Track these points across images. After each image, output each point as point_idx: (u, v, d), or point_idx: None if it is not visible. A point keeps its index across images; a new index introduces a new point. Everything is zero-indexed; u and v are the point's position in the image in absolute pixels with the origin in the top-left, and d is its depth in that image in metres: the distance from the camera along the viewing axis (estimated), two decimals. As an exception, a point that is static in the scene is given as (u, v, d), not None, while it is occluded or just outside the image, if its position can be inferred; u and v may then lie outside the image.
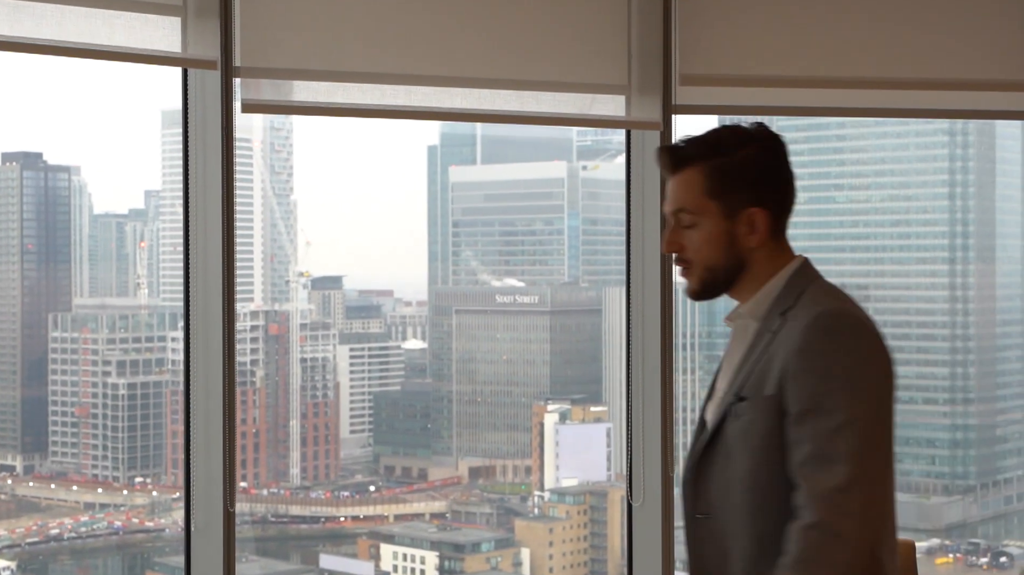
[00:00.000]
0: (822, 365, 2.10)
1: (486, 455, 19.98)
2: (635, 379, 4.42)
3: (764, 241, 2.24)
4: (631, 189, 4.33)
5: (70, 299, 17.38)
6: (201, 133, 3.77)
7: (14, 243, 16.85)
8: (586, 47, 4.06)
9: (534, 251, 22.01)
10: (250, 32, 3.61)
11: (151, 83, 31.79)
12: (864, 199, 20.81)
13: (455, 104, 3.90)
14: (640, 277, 4.33)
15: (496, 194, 22.07)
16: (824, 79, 4.25)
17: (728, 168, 2.19)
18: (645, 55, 4.11)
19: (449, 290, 21.34)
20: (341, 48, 3.76)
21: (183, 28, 3.53)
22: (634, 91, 4.10)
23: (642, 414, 4.45)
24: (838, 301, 2.26)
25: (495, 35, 3.97)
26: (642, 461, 4.46)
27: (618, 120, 4.24)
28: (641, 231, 4.29)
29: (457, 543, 18.10)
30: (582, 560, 18.68)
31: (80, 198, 17.58)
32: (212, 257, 3.76)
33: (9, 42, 3.24)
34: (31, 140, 33.49)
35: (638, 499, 4.39)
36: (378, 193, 27.13)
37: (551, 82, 4.03)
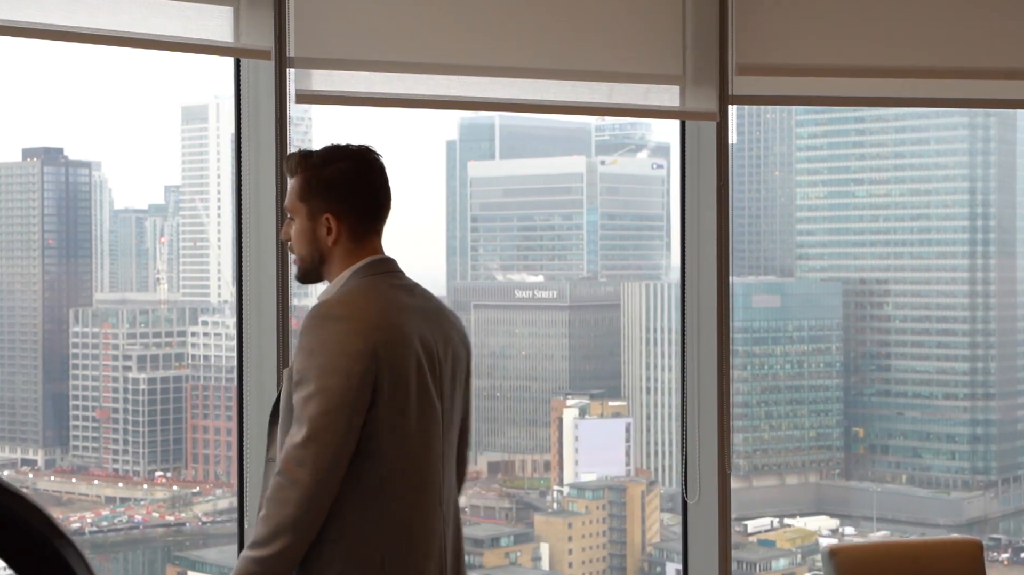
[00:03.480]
0: (307, 346, 2.61)
1: (505, 450, 19.98)
2: (690, 374, 4.28)
3: (340, 241, 2.72)
4: (685, 181, 4.22)
5: (91, 294, 17.45)
6: (254, 124, 3.70)
7: (35, 238, 16.91)
8: (640, 36, 3.97)
9: (552, 246, 21.99)
10: (304, 21, 3.56)
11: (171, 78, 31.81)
12: (884, 193, 20.74)
13: (510, 94, 3.84)
14: (695, 271, 4.20)
15: (515, 189, 22.05)
16: (883, 68, 4.13)
17: (315, 180, 2.68)
18: (700, 44, 4.01)
19: (467, 285, 21.34)
20: (396, 38, 3.69)
21: (235, 17, 3.47)
22: (689, 81, 4.00)
23: (697, 410, 4.31)
24: (344, 295, 2.72)
25: (549, 24, 3.91)
26: (697, 458, 4.33)
27: (673, 111, 4.15)
28: (696, 224, 4.17)
29: (476, 538, 18.11)
30: (601, 555, 18.68)
31: (100, 193, 17.64)
32: (266, 251, 3.76)
33: (65, 32, 3.21)
34: (52, 135, 33.59)
35: (693, 496, 4.29)
36: (396, 187, 27.02)
37: (605, 72, 3.95)
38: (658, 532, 19.15)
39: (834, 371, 20.28)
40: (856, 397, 20.20)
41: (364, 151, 2.75)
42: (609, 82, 3.97)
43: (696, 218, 4.23)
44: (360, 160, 2.74)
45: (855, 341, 20.33)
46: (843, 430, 20.15)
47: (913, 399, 19.99)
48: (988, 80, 4.16)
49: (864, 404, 20.31)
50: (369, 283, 2.72)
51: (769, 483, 19.89)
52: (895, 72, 4.14)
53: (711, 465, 4.34)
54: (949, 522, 19.01)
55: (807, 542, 17.81)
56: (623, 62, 3.95)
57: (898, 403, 20.14)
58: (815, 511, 18.96)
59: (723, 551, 4.24)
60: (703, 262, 4.23)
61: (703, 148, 4.20)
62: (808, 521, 17.93)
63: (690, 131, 4.22)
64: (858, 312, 20.15)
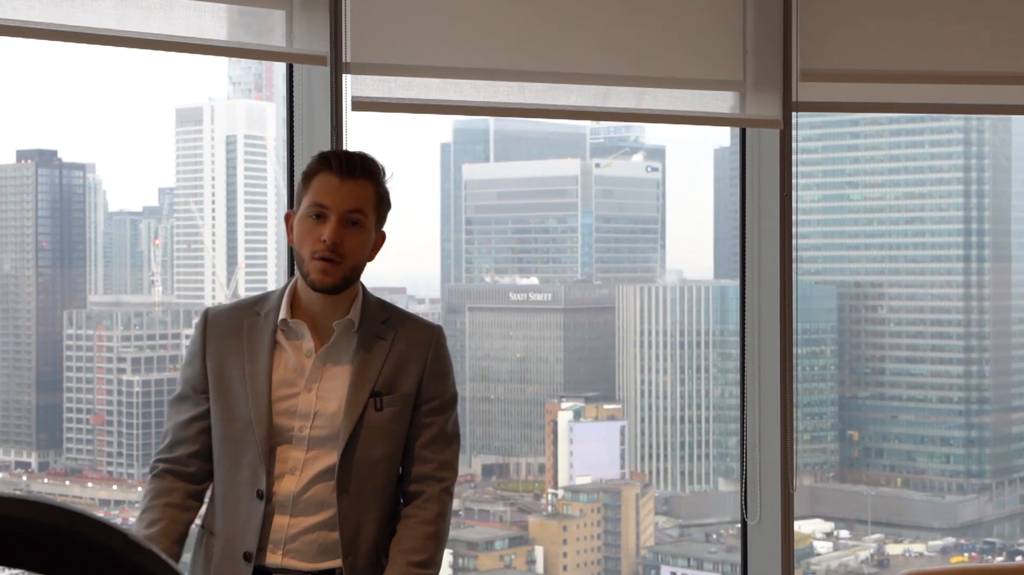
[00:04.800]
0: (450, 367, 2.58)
1: (499, 453, 19.99)
2: (750, 389, 4.05)
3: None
4: (746, 187, 4.09)
5: (85, 296, 17.43)
6: (307, 132, 3.60)
7: (29, 241, 16.89)
8: (699, 41, 3.85)
9: (547, 249, 22.01)
10: (360, 26, 3.47)
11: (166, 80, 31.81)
12: (879, 196, 20.76)
13: (569, 101, 3.75)
14: (755, 278, 4.04)
15: (509, 191, 22.07)
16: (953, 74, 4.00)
17: (384, 193, 2.57)
18: (762, 49, 3.86)
19: (462, 287, 21.35)
20: (453, 43, 3.59)
21: (288, 21, 3.40)
22: (750, 87, 3.88)
23: (758, 425, 4.06)
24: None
25: (607, 30, 3.82)
26: (758, 475, 4.07)
27: (733, 118, 4.03)
28: (757, 231, 4.02)
29: (471, 541, 18.10)
30: (596, 558, 18.67)
31: (95, 196, 17.62)
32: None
33: (117, 36, 3.15)
34: (46, 138, 33.57)
35: (754, 517, 4.07)
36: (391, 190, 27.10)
37: (663, 78, 3.82)
38: (652, 535, 19.16)
39: (828, 374, 20.29)
40: (850, 400, 20.21)
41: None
42: (667, 88, 3.87)
43: (756, 224, 4.08)
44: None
45: (849, 344, 20.34)
46: (837, 433, 20.16)
47: (907, 402, 20.00)
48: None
49: (858, 407, 20.31)
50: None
51: (763, 486, 19.90)
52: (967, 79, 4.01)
53: (773, 484, 4.11)
54: (944, 525, 19.02)
55: (801, 545, 17.79)
56: (681, 67, 3.84)
57: (892, 406, 20.15)
58: (809, 514, 18.95)
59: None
60: (764, 274, 4.04)
61: (764, 155, 4.06)
62: (803, 524, 17.91)
63: (750, 138, 4.09)
64: (852, 315, 20.15)
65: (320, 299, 2.50)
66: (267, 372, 2.51)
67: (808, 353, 20.33)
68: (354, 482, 2.55)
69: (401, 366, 2.55)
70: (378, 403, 2.54)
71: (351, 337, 2.53)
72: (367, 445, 2.52)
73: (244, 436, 2.52)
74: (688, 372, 20.16)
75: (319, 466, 2.52)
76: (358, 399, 2.52)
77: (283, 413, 2.53)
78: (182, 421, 2.57)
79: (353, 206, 2.48)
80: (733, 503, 19.69)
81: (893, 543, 19.03)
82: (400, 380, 2.55)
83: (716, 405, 20.34)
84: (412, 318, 2.62)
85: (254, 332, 2.57)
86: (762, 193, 3.99)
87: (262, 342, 2.54)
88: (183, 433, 2.56)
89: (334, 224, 2.46)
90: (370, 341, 2.55)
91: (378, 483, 2.55)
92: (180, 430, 2.56)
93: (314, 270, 2.46)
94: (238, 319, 2.58)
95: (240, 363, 2.55)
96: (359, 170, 2.51)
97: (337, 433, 2.52)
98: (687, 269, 21.32)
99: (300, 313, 2.54)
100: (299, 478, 2.52)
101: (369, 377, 2.52)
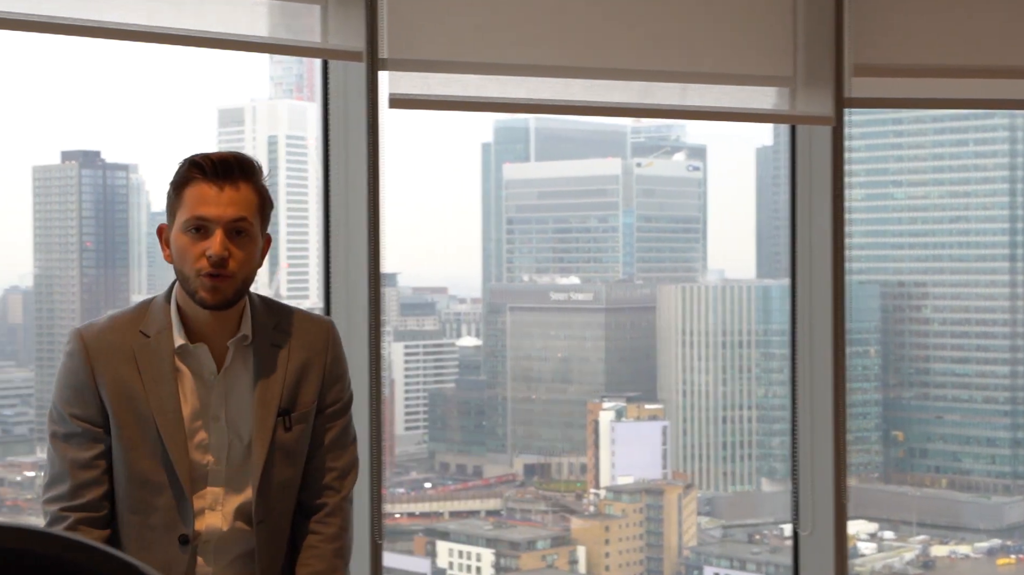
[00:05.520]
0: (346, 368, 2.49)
1: (541, 452, 19.95)
2: (801, 389, 3.97)
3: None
4: (796, 186, 3.99)
5: (128, 297, 17.53)
6: (343, 130, 3.53)
7: (73, 241, 17.01)
8: (748, 36, 3.75)
9: (588, 248, 21.96)
10: (397, 21, 3.39)
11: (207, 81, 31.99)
12: (923, 195, 20.59)
13: (613, 98, 3.65)
14: (807, 277, 3.95)
15: (550, 191, 22.02)
16: (1008, 69, 3.83)
17: (266, 193, 2.37)
18: (813, 44, 3.76)
19: (503, 287, 21.33)
20: (493, 39, 3.50)
21: (323, 17, 3.34)
22: (800, 83, 3.78)
23: (810, 431, 3.96)
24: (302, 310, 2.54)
25: (652, 24, 3.70)
26: (811, 485, 3.95)
27: (784, 115, 3.94)
28: (808, 230, 3.93)
29: (513, 541, 18.09)
30: (638, 558, 18.62)
31: (138, 196, 17.73)
32: (357, 261, 3.53)
33: (147, 32, 3.11)
34: (89, 138, 33.80)
35: (806, 528, 3.97)
36: (432, 190, 27.16)
37: (710, 74, 3.71)
38: (695, 535, 19.09)
39: (872, 374, 20.14)
40: (895, 400, 20.05)
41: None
42: (717, 84, 3.76)
43: (808, 227, 3.97)
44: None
45: (894, 344, 20.17)
46: (882, 434, 20.01)
47: (953, 402, 19.83)
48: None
49: (903, 407, 20.16)
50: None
51: (807, 487, 19.79)
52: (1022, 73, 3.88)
53: (826, 494, 4.00)
54: (990, 527, 18.86)
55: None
56: (729, 63, 3.74)
57: (937, 407, 19.98)
58: (853, 515, 18.76)
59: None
60: (815, 274, 3.95)
61: (815, 153, 3.95)
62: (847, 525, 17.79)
63: (800, 135, 4.00)
64: (896, 315, 19.99)
65: (210, 316, 2.31)
66: (177, 405, 2.29)
67: (852, 353, 20.17)
68: (271, 510, 2.39)
69: (301, 376, 2.38)
70: (287, 422, 2.36)
71: (246, 352, 2.35)
72: (280, 469, 2.38)
73: (154, 476, 2.30)
74: (731, 372, 20.08)
75: (238, 500, 2.37)
76: (266, 423, 2.34)
77: (196, 448, 2.32)
78: (83, 460, 2.30)
79: (236, 215, 2.28)
80: (776, 504, 19.58)
81: (939, 544, 18.88)
82: (303, 392, 2.38)
83: (759, 405, 20.24)
84: (302, 317, 2.44)
85: (147, 358, 2.30)
86: (813, 191, 3.91)
87: (161, 370, 2.29)
88: (87, 475, 2.30)
89: (219, 238, 2.26)
90: (267, 354, 2.36)
91: (288, 505, 2.43)
92: (82, 471, 2.29)
93: (202, 288, 2.26)
94: (123, 342, 2.31)
95: (141, 395, 2.29)
96: (237, 173, 2.30)
97: (250, 462, 2.35)
98: (729, 269, 21.23)
99: (192, 334, 2.32)
100: (223, 516, 2.35)
101: (273, 395, 2.35)
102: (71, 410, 2.28)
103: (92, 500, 2.29)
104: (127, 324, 2.33)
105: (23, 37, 2.99)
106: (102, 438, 2.29)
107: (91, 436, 2.28)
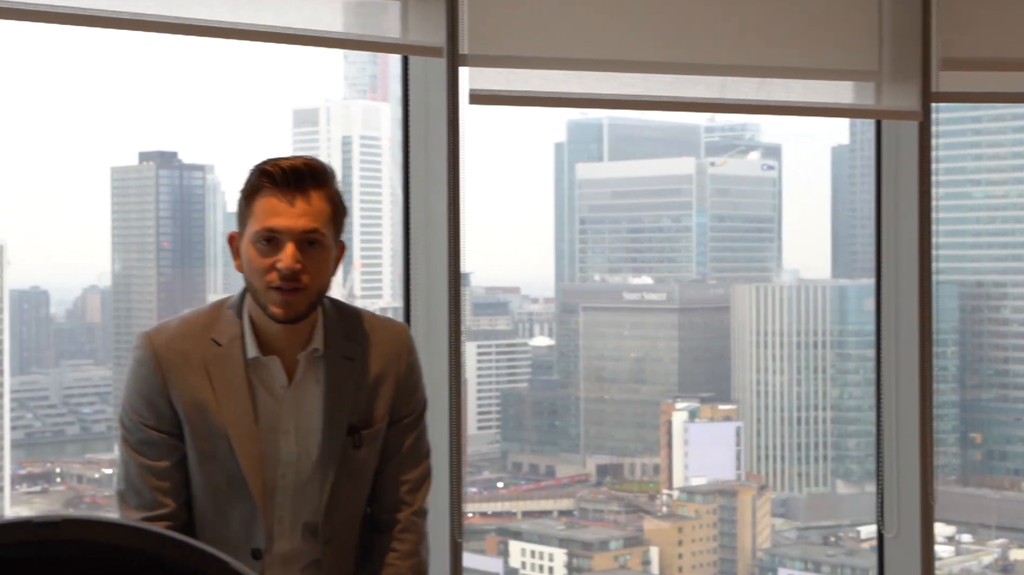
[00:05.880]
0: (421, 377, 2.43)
1: (614, 453, 19.91)
2: (886, 395, 3.87)
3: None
4: (882, 183, 3.91)
5: (204, 296, 17.71)
6: (423, 127, 3.51)
7: (150, 241, 17.21)
8: (832, 29, 3.69)
9: (661, 248, 21.88)
10: (478, 17, 3.36)
11: (282, 81, 32.26)
12: (1002, 195, 20.32)
13: (696, 93, 3.61)
14: (892, 277, 3.86)
15: (623, 191, 21.97)
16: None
17: (339, 200, 2.26)
18: (898, 37, 3.66)
19: (576, 287, 21.30)
20: (575, 34, 3.46)
21: (403, 12, 3.32)
22: (885, 78, 3.70)
23: (895, 432, 3.89)
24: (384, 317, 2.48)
25: (734, 19, 3.65)
26: (896, 486, 3.89)
27: (869, 110, 3.86)
28: (893, 229, 3.85)
29: (585, 541, 18.06)
30: (711, 560, 18.52)
31: (214, 196, 17.90)
32: (437, 260, 3.46)
33: (230, 28, 3.11)
34: (166, 139, 34.20)
35: (891, 530, 3.90)
36: (505, 189, 27.20)
37: (793, 68, 3.64)
38: (769, 537, 18.96)
39: (950, 375, 19.89)
40: (973, 402, 19.79)
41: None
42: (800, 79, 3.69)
43: (894, 219, 3.89)
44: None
45: (972, 345, 19.92)
46: (960, 436, 19.76)
47: (1032, 404, 19.59)
48: None
49: (981, 409, 19.90)
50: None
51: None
52: None
53: (912, 495, 3.91)
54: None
55: (922, 549, 17.48)
56: (812, 57, 3.66)
57: (1016, 409, 19.72)
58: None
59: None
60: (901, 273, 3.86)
61: (901, 149, 3.87)
62: (923, 528, 17.58)
63: (886, 131, 3.91)
64: (975, 315, 19.74)
65: (281, 328, 2.23)
66: (250, 419, 2.22)
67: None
68: (337, 529, 2.33)
69: (373, 391, 2.31)
70: (356, 440, 2.30)
71: (317, 365, 2.27)
72: (348, 487, 2.32)
73: (228, 488, 2.25)
74: (805, 373, 19.92)
75: (305, 517, 2.31)
76: (336, 441, 2.28)
77: (267, 461, 2.27)
78: (159, 469, 2.25)
79: (307, 226, 2.18)
80: (852, 505, 19.40)
81: (1017, 548, 18.62)
82: (374, 408, 2.32)
83: (834, 406, 20.06)
84: (376, 325, 2.36)
85: (219, 368, 2.23)
86: (899, 189, 3.81)
87: (235, 382, 2.23)
88: (165, 483, 2.25)
89: (290, 250, 2.17)
90: (338, 367, 2.29)
91: (356, 521, 2.37)
92: (160, 479, 2.25)
93: (273, 302, 2.18)
94: (194, 350, 2.24)
95: (213, 406, 2.22)
96: (308, 182, 2.20)
97: (318, 479, 2.29)
98: (804, 268, 21.06)
99: (263, 345, 2.25)
100: (289, 532, 2.31)
101: (343, 412, 2.29)
102: (144, 420, 2.24)
103: (173, 510, 2.25)
104: (199, 331, 2.26)
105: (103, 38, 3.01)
106: (178, 446, 2.24)
107: (167, 445, 2.24)
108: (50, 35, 44.19)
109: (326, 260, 2.23)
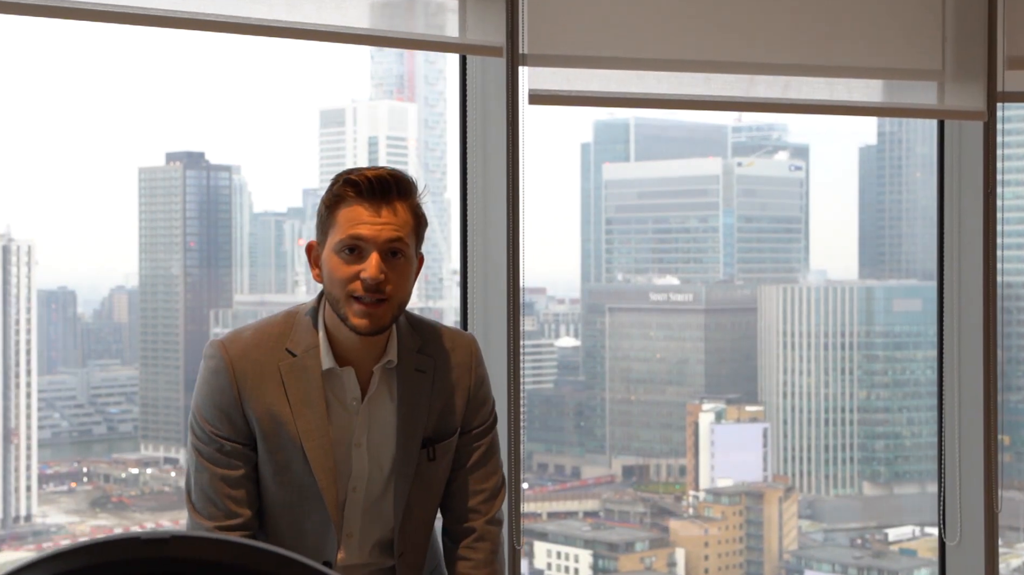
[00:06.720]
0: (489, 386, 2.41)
1: (639, 454, 19.87)
2: (948, 399, 3.81)
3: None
4: (944, 183, 3.85)
5: (231, 295, 17.74)
6: (481, 127, 3.47)
7: (177, 241, 17.24)
8: (895, 28, 3.63)
9: (688, 249, 21.83)
10: (538, 16, 3.32)
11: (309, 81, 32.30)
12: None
13: (757, 93, 3.55)
14: (955, 279, 3.79)
15: (650, 191, 21.93)
16: None
17: (422, 212, 2.24)
18: (962, 36, 3.60)
19: (602, 288, 21.27)
20: (634, 33, 3.42)
21: (461, 12, 3.29)
22: (949, 77, 3.65)
23: (957, 436, 3.83)
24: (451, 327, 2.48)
25: (798, 16, 3.59)
26: (958, 493, 3.80)
27: (933, 109, 3.80)
28: (956, 230, 3.80)
29: (611, 542, 18.03)
30: (738, 562, 18.47)
31: (240, 197, 17.92)
32: (496, 260, 3.41)
33: (289, 28, 3.09)
34: (194, 140, 34.29)
35: (953, 538, 3.82)
36: (531, 190, 27.13)
37: (855, 67, 3.59)
38: (795, 539, 18.89)
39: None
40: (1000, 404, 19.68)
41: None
42: (861, 78, 3.63)
43: (956, 220, 3.83)
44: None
45: (1000, 345, 19.83)
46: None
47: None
48: None
49: (1010, 410, 19.73)
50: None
51: (910, 491, 19.49)
52: None
53: (975, 502, 3.83)
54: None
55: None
56: (875, 56, 3.59)
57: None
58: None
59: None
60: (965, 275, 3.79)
61: (965, 149, 3.80)
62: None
63: (949, 131, 3.85)
64: (1003, 316, 19.65)
65: (358, 340, 2.21)
66: (325, 431, 2.21)
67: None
68: (410, 542, 2.32)
69: (446, 404, 2.32)
70: (431, 453, 2.29)
71: (390, 377, 2.26)
72: (422, 501, 2.32)
73: (300, 501, 2.24)
74: (832, 374, 19.83)
75: (378, 531, 2.31)
76: (410, 454, 2.28)
77: (339, 474, 2.26)
78: (233, 479, 2.24)
79: (393, 235, 2.17)
80: (879, 508, 19.29)
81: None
82: (447, 420, 2.33)
83: (861, 408, 19.97)
84: (446, 336, 2.35)
85: (295, 379, 2.22)
86: (963, 190, 3.76)
87: (309, 393, 2.21)
88: (238, 493, 2.24)
89: (375, 260, 2.16)
90: (411, 379, 2.28)
91: (428, 533, 2.37)
92: (233, 489, 2.24)
93: (354, 314, 2.16)
94: (269, 360, 2.22)
95: (288, 418, 2.21)
96: (394, 192, 2.18)
97: (391, 493, 2.29)
98: (831, 270, 20.96)
99: (338, 356, 2.23)
100: (360, 545, 2.30)
101: (417, 425, 2.28)
102: (216, 430, 2.21)
103: (247, 519, 2.24)
104: (274, 340, 2.23)
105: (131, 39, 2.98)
106: (251, 456, 2.22)
107: (240, 454, 2.22)
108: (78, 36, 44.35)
109: (408, 272, 2.20)
